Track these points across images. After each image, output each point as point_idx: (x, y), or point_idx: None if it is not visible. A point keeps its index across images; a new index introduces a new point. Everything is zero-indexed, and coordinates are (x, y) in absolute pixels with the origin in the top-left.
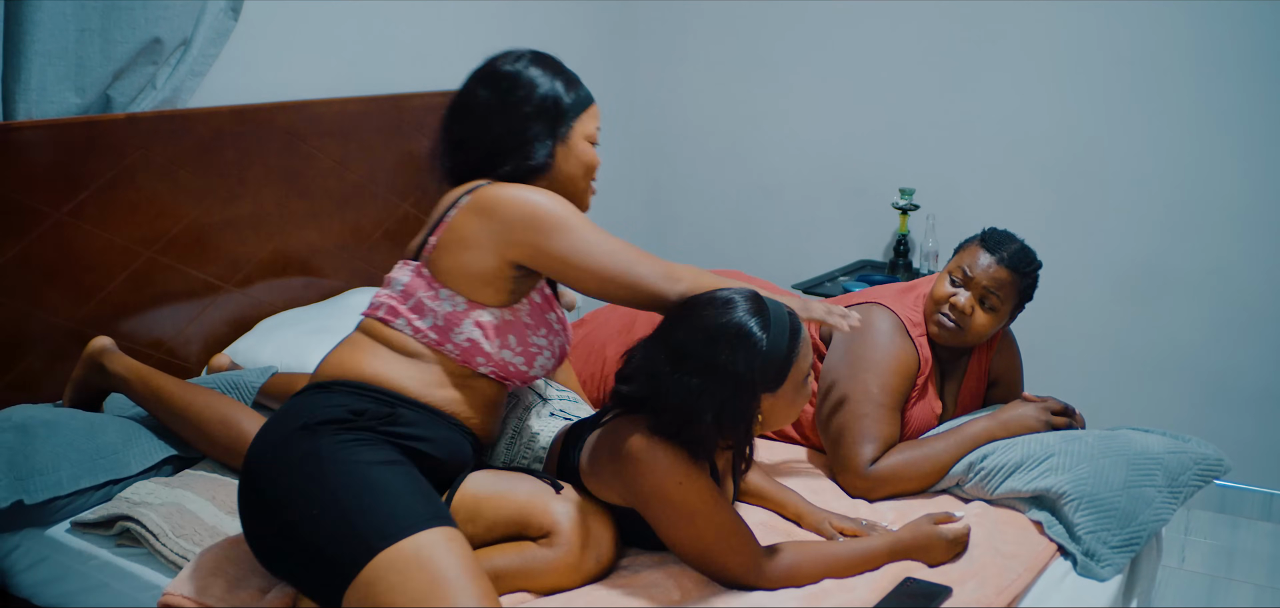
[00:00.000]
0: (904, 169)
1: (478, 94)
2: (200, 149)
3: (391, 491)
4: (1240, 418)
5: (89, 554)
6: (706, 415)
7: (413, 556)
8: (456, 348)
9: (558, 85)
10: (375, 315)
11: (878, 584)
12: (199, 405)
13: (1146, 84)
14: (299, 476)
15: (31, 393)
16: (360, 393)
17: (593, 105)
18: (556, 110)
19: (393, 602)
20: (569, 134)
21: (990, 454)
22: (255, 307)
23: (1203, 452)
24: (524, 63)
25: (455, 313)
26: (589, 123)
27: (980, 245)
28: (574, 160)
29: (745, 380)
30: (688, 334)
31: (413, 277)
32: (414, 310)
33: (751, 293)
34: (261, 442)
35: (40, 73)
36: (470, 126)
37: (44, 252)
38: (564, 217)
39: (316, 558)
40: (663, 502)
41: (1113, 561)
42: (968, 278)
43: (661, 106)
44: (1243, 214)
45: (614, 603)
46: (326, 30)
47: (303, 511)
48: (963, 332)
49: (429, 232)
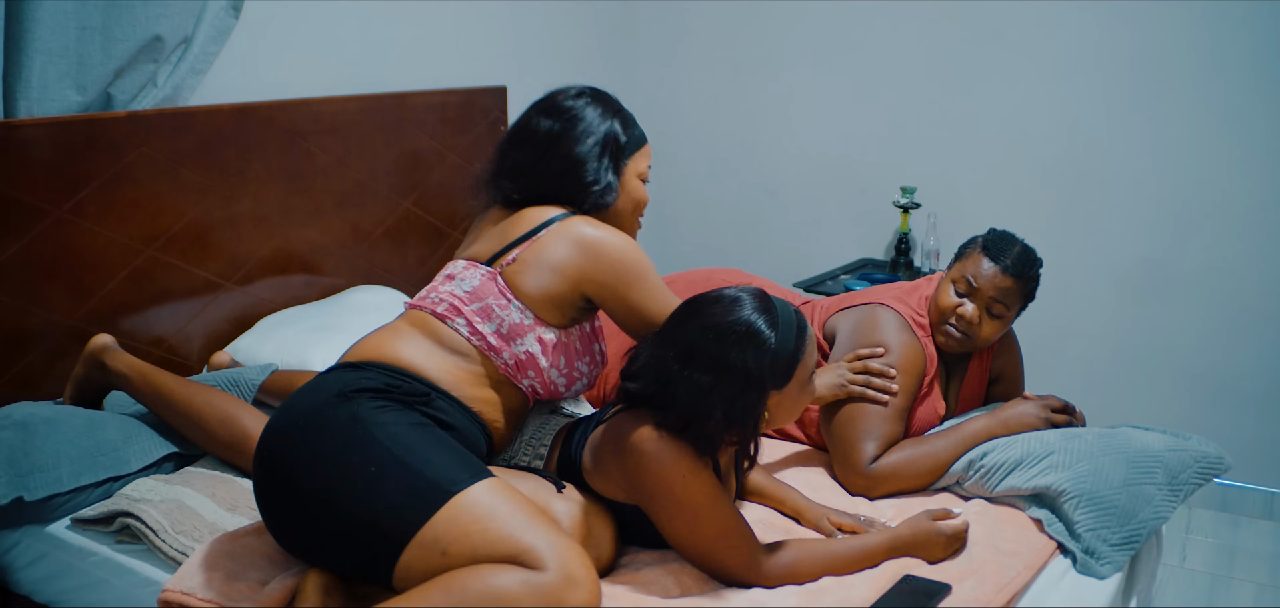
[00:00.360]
0: (905, 168)
1: (538, 125)
2: (201, 147)
3: (439, 449)
4: (1241, 416)
5: (89, 551)
6: (715, 413)
7: (479, 499)
8: (512, 357)
9: (615, 124)
10: (432, 310)
11: (877, 582)
12: (200, 403)
13: (1147, 83)
14: (343, 440)
15: (32, 390)
16: (394, 375)
17: (646, 145)
18: (616, 147)
19: (482, 526)
20: (623, 171)
21: (990, 452)
22: (256, 304)
23: (1203, 450)
24: (584, 100)
25: (522, 325)
26: (642, 162)
27: (983, 252)
28: (626, 197)
29: (754, 378)
30: (697, 332)
31: (486, 281)
32: (480, 313)
33: (759, 291)
34: (292, 413)
35: (41, 70)
36: (528, 156)
37: (45, 249)
38: (643, 271)
39: (375, 519)
40: (666, 497)
41: (1112, 558)
42: (972, 287)
43: (662, 105)
44: (1244, 213)
45: (614, 600)
46: (327, 29)
47: (353, 474)
48: (971, 340)
49: (511, 245)
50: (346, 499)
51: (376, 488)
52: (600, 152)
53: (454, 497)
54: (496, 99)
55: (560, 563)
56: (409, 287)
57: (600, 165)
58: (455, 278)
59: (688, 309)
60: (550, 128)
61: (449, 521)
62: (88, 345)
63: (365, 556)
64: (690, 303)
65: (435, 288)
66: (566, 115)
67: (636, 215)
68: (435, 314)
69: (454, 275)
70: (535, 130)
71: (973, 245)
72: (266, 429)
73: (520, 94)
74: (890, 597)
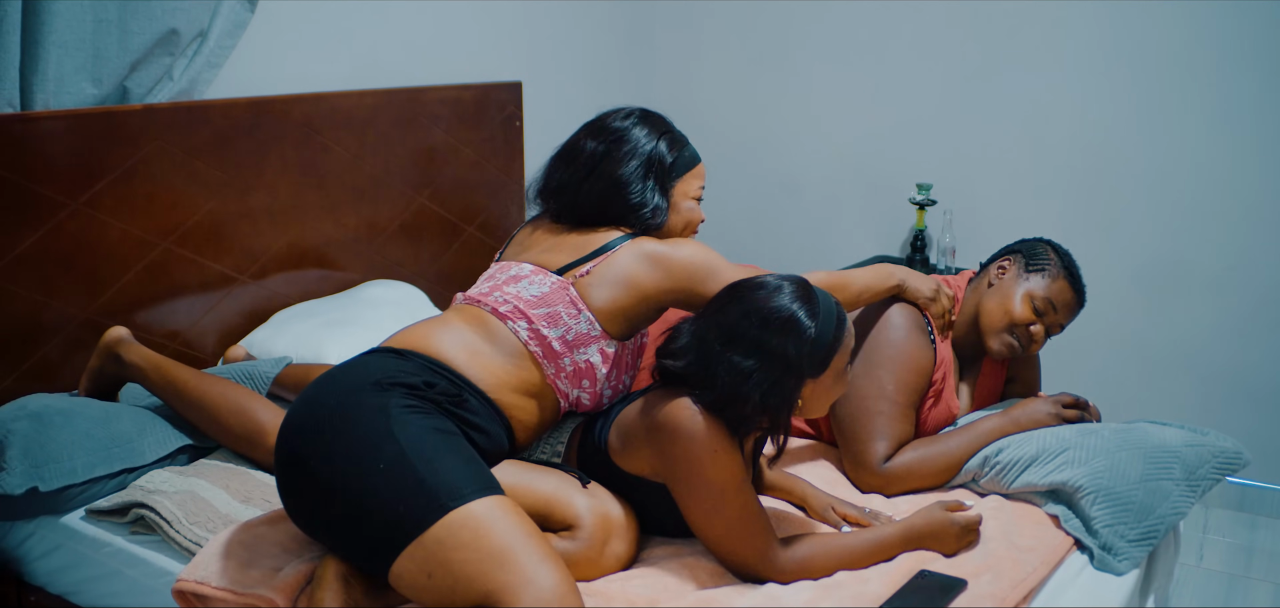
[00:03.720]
0: (921, 164)
1: (585, 145)
2: (216, 141)
3: (456, 458)
4: (1259, 415)
5: (103, 542)
6: (753, 396)
7: (484, 516)
8: (573, 364)
9: (662, 145)
10: (494, 308)
11: (892, 577)
12: (214, 395)
13: (1163, 81)
14: (370, 428)
15: (48, 382)
16: (434, 369)
17: (698, 165)
18: (663, 167)
19: (466, 555)
20: (671, 192)
21: (1005, 449)
22: (270, 299)
23: (1222, 445)
24: (632, 121)
25: (588, 335)
26: (693, 182)
27: (1068, 281)
28: (675, 217)
29: (794, 364)
30: (740, 316)
31: (556, 289)
32: (547, 319)
33: (800, 280)
34: (327, 390)
35: (57, 63)
36: (573, 175)
37: (60, 242)
38: (715, 265)
39: (375, 514)
40: (695, 474)
41: (1130, 554)
42: (1053, 311)
43: (678, 101)
44: (1261, 210)
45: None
46: (343, 23)
47: (369, 463)
48: (1026, 352)
49: (584, 258)
50: (352, 489)
51: (381, 485)
52: (645, 173)
53: (453, 511)
54: (512, 94)
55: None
56: (424, 281)
57: (645, 186)
58: (522, 280)
59: (731, 293)
60: (595, 148)
61: (444, 534)
62: (103, 338)
63: (365, 550)
64: (733, 288)
65: (499, 287)
66: (612, 135)
67: (688, 234)
68: (497, 313)
69: (521, 278)
70: (582, 150)
71: (1050, 264)
72: (298, 401)
73: (536, 89)
74: (906, 592)
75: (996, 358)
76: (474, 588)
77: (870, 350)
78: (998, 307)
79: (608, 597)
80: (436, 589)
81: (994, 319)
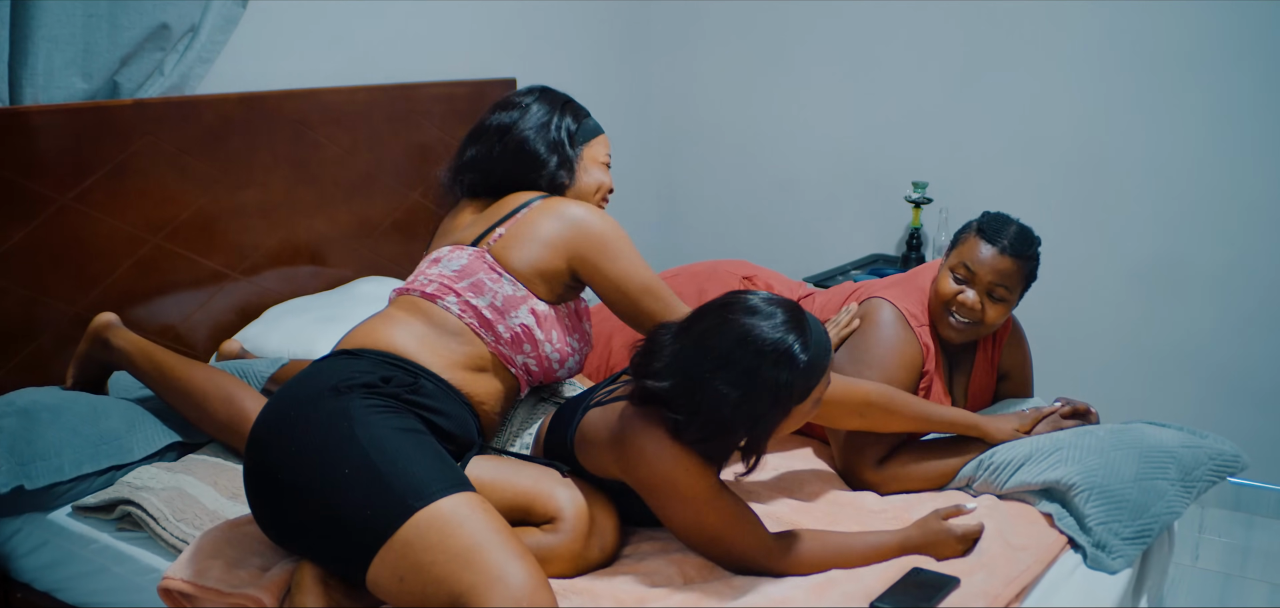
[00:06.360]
0: (917, 163)
1: (491, 120)
2: (208, 136)
3: (421, 456)
4: (1257, 415)
5: (90, 538)
6: (739, 428)
7: (452, 514)
8: (508, 331)
9: (568, 115)
10: (421, 291)
11: (885, 574)
12: (201, 381)
13: (1161, 79)
14: (331, 434)
15: (37, 378)
16: (388, 362)
17: (602, 135)
18: (565, 134)
19: (435, 556)
20: (577, 160)
21: (998, 450)
22: (262, 295)
23: (1219, 447)
24: (533, 95)
25: (515, 297)
26: (598, 149)
27: (979, 236)
28: (586, 181)
29: (783, 395)
30: (734, 343)
31: (474, 259)
32: (472, 288)
33: (793, 305)
34: (285, 402)
35: (47, 58)
36: (483, 149)
37: (50, 237)
38: (624, 246)
39: (347, 520)
40: (666, 491)
41: (1124, 552)
42: (971, 273)
43: (675, 101)
44: (1259, 209)
45: (617, 591)
46: (335, 19)
47: (334, 470)
48: (977, 327)
49: (495, 225)
50: (319, 497)
51: (347, 491)
52: (549, 136)
53: (418, 512)
54: (506, 91)
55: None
56: None
57: (549, 150)
58: (442, 261)
59: (721, 315)
60: (501, 120)
61: (412, 536)
62: (92, 323)
63: (338, 556)
64: (723, 308)
65: (422, 272)
66: (516, 107)
67: (597, 198)
68: (426, 295)
69: (440, 259)
70: (489, 125)
71: (968, 230)
72: (260, 416)
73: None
74: (897, 589)
75: (956, 341)
76: (443, 589)
77: (859, 349)
78: (933, 295)
79: (595, 595)
80: (409, 592)
81: (934, 308)
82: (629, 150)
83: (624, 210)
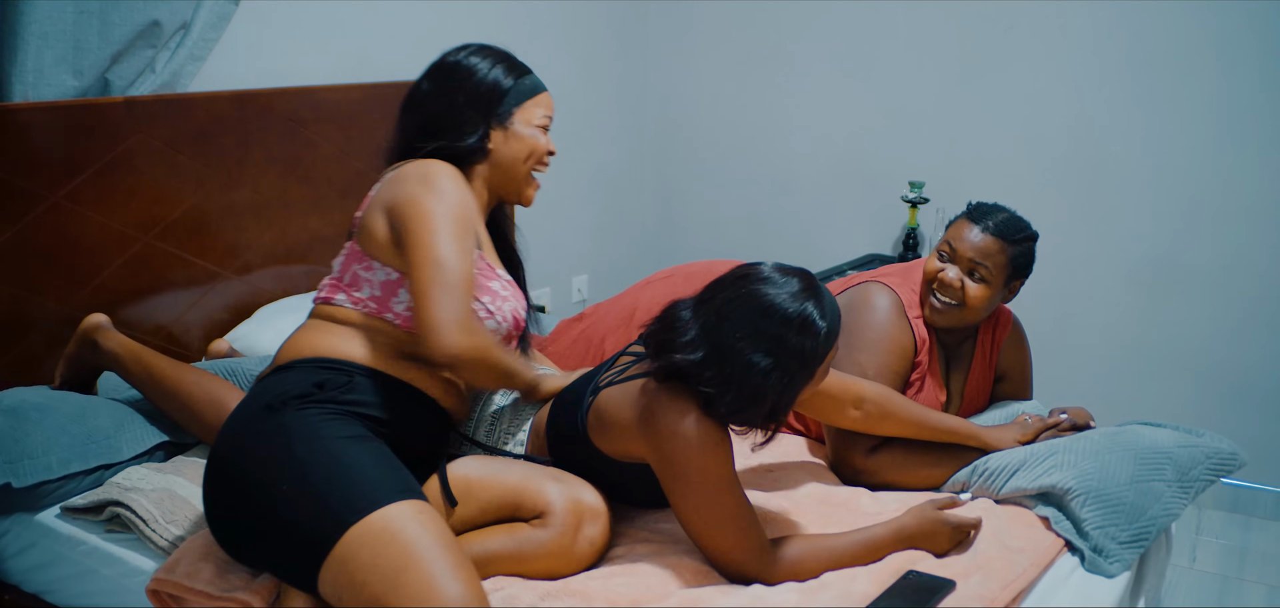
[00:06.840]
0: (914, 162)
1: (422, 84)
2: (199, 134)
3: (359, 464)
4: (1255, 415)
5: (78, 539)
6: (770, 395)
7: (384, 528)
8: (397, 316)
9: (498, 71)
10: (319, 298)
11: (879, 577)
12: (189, 384)
13: (1158, 79)
14: (265, 454)
15: (27, 377)
16: (319, 367)
17: (542, 93)
18: (494, 94)
19: (367, 576)
20: (510, 119)
21: (993, 455)
22: (254, 294)
23: (1216, 446)
24: (467, 52)
25: (389, 281)
26: (535, 109)
27: (966, 218)
28: (515, 144)
29: (809, 362)
30: (758, 313)
31: (348, 254)
32: (351, 285)
33: (804, 272)
34: (227, 429)
35: (37, 54)
36: (411, 112)
37: (41, 235)
38: (436, 220)
39: (288, 538)
40: (691, 470)
41: (1121, 556)
42: (954, 252)
43: (671, 101)
44: (1258, 209)
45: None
46: (328, 16)
47: (270, 490)
48: (960, 307)
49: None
50: (265, 519)
51: (286, 510)
52: (469, 101)
53: (351, 527)
54: None
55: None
56: None
57: (465, 114)
58: (338, 258)
59: (738, 286)
60: (427, 87)
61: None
62: (81, 325)
63: (291, 575)
64: (739, 280)
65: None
66: (444, 70)
67: (529, 164)
68: (322, 301)
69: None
70: (417, 93)
71: (959, 215)
72: (214, 445)
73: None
74: (892, 593)
75: (939, 325)
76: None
77: (852, 334)
78: (922, 279)
79: (588, 597)
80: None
81: (922, 292)
82: (625, 150)
83: (621, 210)
